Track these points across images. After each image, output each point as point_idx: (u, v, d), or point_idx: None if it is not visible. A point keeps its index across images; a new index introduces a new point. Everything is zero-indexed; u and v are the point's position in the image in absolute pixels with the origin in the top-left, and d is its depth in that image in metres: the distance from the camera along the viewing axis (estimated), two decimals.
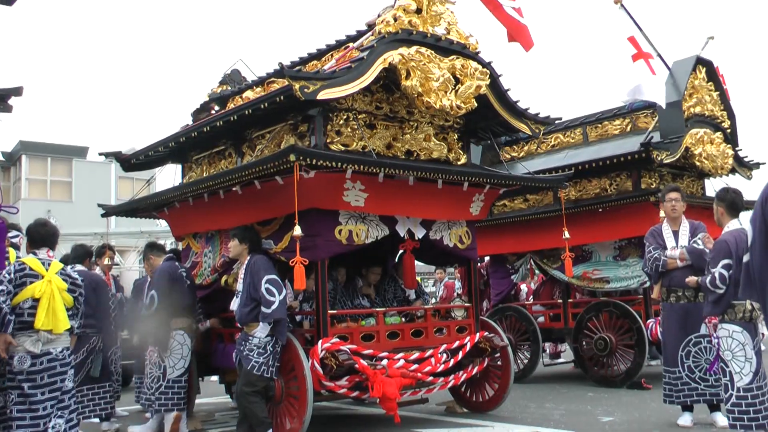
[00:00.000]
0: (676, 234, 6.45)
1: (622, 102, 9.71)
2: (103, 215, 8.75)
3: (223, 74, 8.46)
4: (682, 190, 6.76)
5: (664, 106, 8.62)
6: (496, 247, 10.30)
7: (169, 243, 13.28)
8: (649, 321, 8.31)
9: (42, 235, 5.28)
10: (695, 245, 6.28)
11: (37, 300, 4.98)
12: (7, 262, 5.23)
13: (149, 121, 49.33)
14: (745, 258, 3.81)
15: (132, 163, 8.13)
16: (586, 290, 9.94)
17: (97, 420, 7.47)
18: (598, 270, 9.34)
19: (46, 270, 5.09)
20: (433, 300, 13.51)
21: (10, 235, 6.91)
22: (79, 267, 7.54)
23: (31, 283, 4.99)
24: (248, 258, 6.17)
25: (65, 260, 8.23)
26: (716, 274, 5.35)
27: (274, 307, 5.83)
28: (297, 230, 5.51)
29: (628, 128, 9.54)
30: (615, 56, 8.90)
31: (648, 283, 8.73)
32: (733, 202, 5.65)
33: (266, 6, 64.01)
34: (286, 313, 6.01)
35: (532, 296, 12.18)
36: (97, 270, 8.07)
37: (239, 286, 6.17)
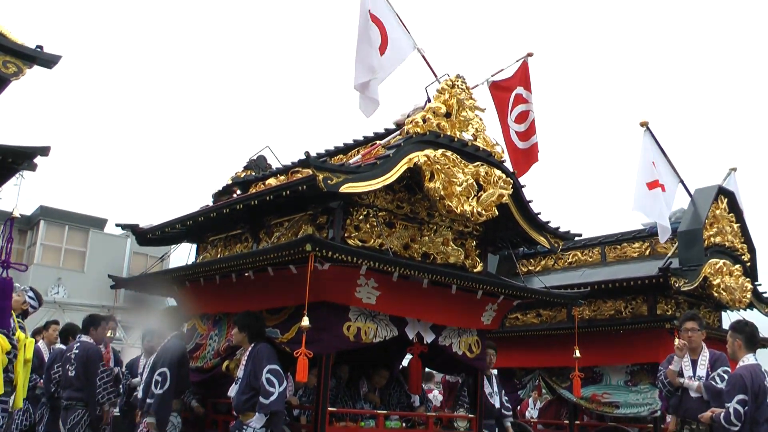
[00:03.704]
0: (694, 363, 6.23)
1: (641, 225, 9.72)
2: (112, 287, 8.68)
3: (248, 159, 8.54)
4: (701, 318, 6.62)
5: (662, 240, 8.69)
6: (504, 360, 10.08)
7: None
8: None
9: None
10: (713, 383, 6.03)
11: None
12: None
13: (170, 200, 49.83)
14: None
15: (148, 237, 8.11)
16: (594, 413, 9.66)
17: None
18: (608, 393, 9.09)
19: None
20: None
21: (29, 294, 6.98)
22: (84, 338, 7.65)
23: None
24: (251, 345, 6.06)
25: (74, 330, 8.26)
26: (731, 410, 5.18)
27: (272, 398, 5.67)
28: (305, 321, 5.39)
29: (647, 252, 9.48)
30: (636, 178, 8.94)
31: (658, 412, 8.48)
32: (752, 335, 5.55)
33: (298, 98, 65.61)
34: (284, 406, 5.85)
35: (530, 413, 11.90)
36: None
37: (240, 373, 6.03)
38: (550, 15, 63.21)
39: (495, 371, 8.82)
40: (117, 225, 8.54)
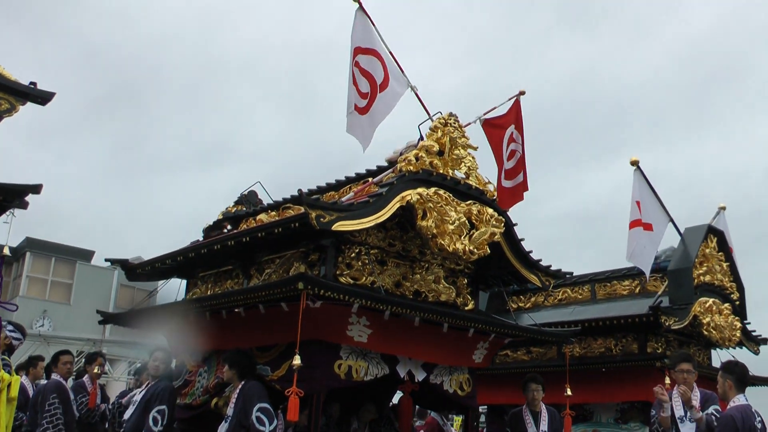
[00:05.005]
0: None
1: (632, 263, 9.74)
2: (100, 322, 8.60)
3: (239, 194, 8.53)
4: (693, 358, 6.62)
5: (647, 278, 8.72)
6: (495, 397, 10.04)
7: None
8: None
9: None
10: (712, 420, 6.01)
11: None
12: None
13: (159, 234, 49.60)
14: None
15: (137, 272, 8.06)
16: None
17: None
18: (598, 431, 9.06)
19: None
20: None
21: (8, 329, 6.91)
22: (53, 375, 7.65)
23: None
24: (241, 383, 6.00)
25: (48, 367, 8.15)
26: None
27: None
28: (297, 360, 5.34)
29: (637, 290, 9.50)
30: (626, 215, 8.97)
31: None
32: (742, 375, 5.54)
33: (290, 133, 65.88)
34: None
35: None
36: (86, 378, 7.93)
37: (229, 411, 5.96)
38: (542, 51, 63.97)
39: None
40: (106, 260, 8.50)
